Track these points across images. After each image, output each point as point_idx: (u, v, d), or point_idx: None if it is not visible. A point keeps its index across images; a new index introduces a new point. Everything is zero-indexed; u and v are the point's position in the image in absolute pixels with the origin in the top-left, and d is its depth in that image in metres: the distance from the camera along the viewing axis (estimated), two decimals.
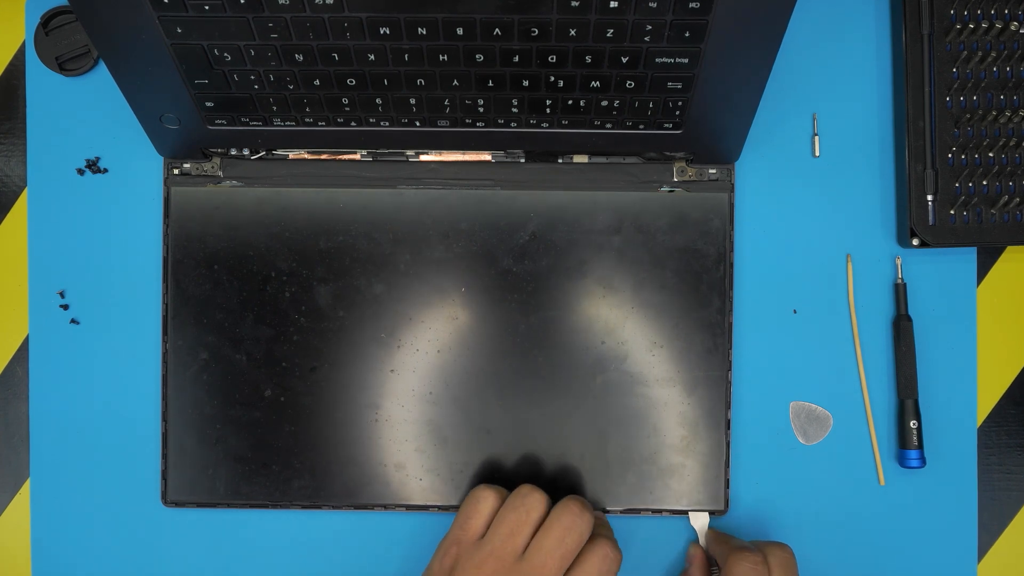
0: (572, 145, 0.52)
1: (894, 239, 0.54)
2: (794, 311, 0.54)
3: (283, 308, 0.53)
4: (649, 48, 0.45)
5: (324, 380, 0.53)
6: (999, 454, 0.55)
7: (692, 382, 0.53)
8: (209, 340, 0.53)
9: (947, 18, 0.52)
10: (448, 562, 0.47)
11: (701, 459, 0.53)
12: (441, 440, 0.53)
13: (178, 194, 0.53)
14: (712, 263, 0.53)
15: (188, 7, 0.43)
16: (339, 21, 0.44)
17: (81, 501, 0.54)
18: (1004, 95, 0.52)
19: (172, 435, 0.53)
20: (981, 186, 0.52)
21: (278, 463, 0.53)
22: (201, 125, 0.50)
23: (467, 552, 0.47)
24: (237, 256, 0.53)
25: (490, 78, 0.47)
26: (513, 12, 0.43)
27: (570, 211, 0.53)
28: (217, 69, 0.46)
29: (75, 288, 0.54)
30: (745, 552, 0.47)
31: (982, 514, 0.54)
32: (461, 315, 0.53)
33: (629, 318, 0.53)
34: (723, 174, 0.53)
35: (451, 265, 0.53)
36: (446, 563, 0.47)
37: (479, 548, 0.47)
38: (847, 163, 0.54)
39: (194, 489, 0.53)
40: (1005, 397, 0.55)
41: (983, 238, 0.52)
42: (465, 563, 0.46)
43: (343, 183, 0.53)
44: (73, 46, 0.53)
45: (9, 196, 0.55)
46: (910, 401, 0.53)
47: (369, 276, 0.53)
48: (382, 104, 0.48)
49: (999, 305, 0.55)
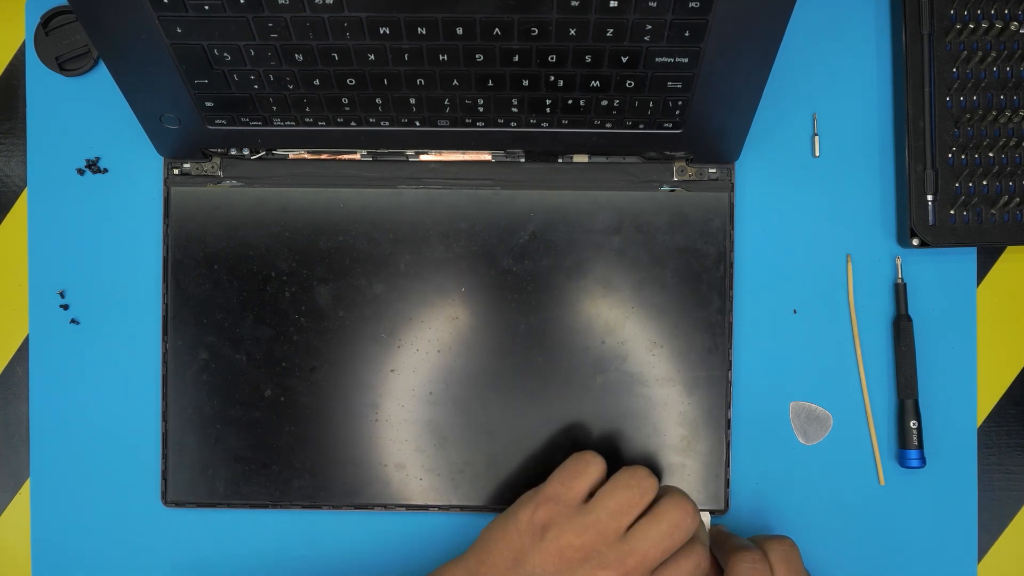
0: (572, 145, 0.52)
1: (894, 239, 0.54)
2: (794, 311, 0.54)
3: (283, 308, 0.53)
4: (649, 48, 0.45)
5: (324, 380, 0.53)
6: (999, 454, 0.55)
7: (692, 382, 0.53)
8: (209, 340, 0.53)
9: (947, 18, 0.52)
10: (542, 517, 0.45)
11: (701, 459, 0.53)
12: (441, 440, 0.53)
13: (178, 194, 0.53)
14: (712, 263, 0.53)
15: (188, 7, 0.43)
16: (339, 21, 0.44)
17: (81, 501, 0.54)
18: (1004, 95, 0.52)
19: (172, 435, 0.53)
20: (981, 186, 0.52)
21: (278, 463, 0.53)
22: (201, 125, 0.50)
23: (566, 514, 0.45)
24: (237, 256, 0.53)
25: (490, 78, 0.47)
26: (513, 12, 0.43)
27: (570, 211, 0.53)
28: (217, 69, 0.46)
29: (75, 288, 0.54)
30: (744, 552, 0.46)
31: (982, 514, 0.54)
32: (461, 315, 0.53)
33: (629, 318, 0.53)
34: (723, 174, 0.53)
35: (451, 265, 0.53)
36: (539, 517, 0.45)
37: (581, 514, 0.45)
38: (847, 163, 0.54)
39: (194, 489, 0.53)
40: (1005, 397, 0.55)
41: (983, 238, 0.52)
42: (563, 525, 0.44)
43: (343, 183, 0.53)
44: (73, 46, 0.53)
45: (9, 196, 0.55)
46: (910, 401, 0.53)
47: (369, 276, 0.53)
48: (382, 104, 0.48)
49: (999, 305, 0.55)
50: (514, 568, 0.45)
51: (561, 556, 0.44)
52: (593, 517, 0.45)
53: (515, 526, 0.45)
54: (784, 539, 0.47)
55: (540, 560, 0.44)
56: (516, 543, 0.45)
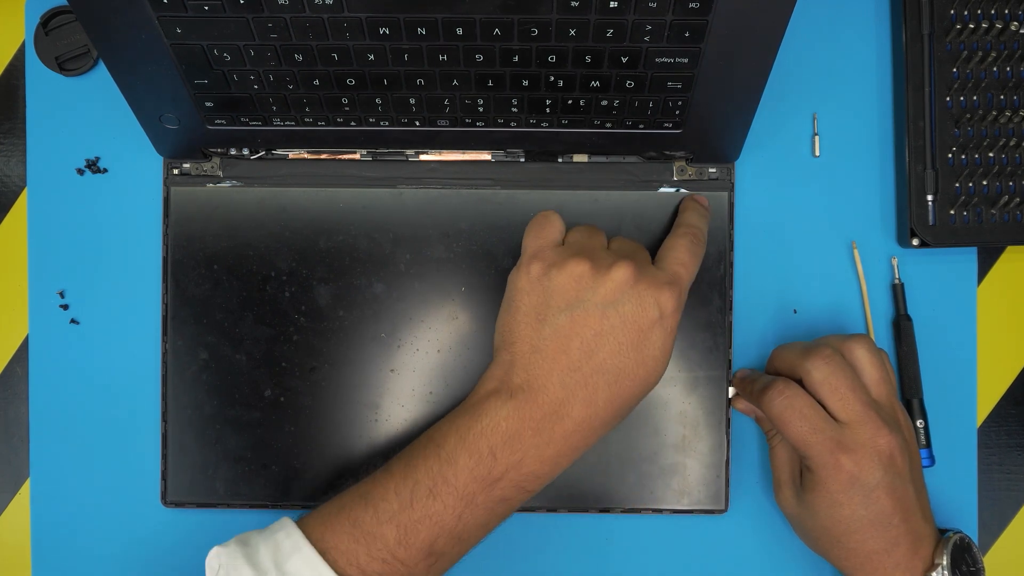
0: (572, 145, 0.52)
1: (894, 239, 0.54)
2: (794, 311, 0.54)
3: (283, 308, 0.53)
4: (649, 48, 0.45)
5: (324, 380, 0.53)
6: (999, 454, 0.55)
7: (692, 382, 0.53)
8: (209, 340, 0.53)
9: (947, 18, 0.52)
10: (538, 269, 0.46)
11: (701, 459, 0.53)
12: None
13: (178, 194, 0.53)
14: (712, 263, 0.53)
15: (188, 7, 0.43)
16: (339, 21, 0.44)
17: (81, 501, 0.54)
18: (1004, 95, 0.52)
19: (172, 435, 0.53)
20: (981, 186, 0.52)
21: (278, 463, 0.53)
22: (201, 125, 0.50)
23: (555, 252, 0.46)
24: (237, 256, 0.53)
25: (490, 78, 0.47)
26: (513, 12, 0.43)
27: (570, 211, 0.53)
28: (217, 69, 0.46)
29: (75, 288, 0.54)
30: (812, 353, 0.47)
31: (982, 514, 0.54)
32: (461, 315, 0.53)
33: None
34: (723, 173, 0.53)
35: (451, 265, 0.53)
36: (535, 271, 0.46)
37: (567, 247, 0.47)
38: (847, 163, 0.54)
39: (194, 489, 0.53)
40: (1005, 397, 0.55)
41: (983, 238, 0.52)
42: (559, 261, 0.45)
43: (343, 183, 0.53)
44: (73, 46, 0.53)
45: (9, 196, 0.55)
46: (915, 400, 0.53)
47: (369, 276, 0.53)
48: (382, 104, 0.48)
49: (999, 305, 0.55)
50: (541, 322, 0.45)
51: (574, 280, 0.45)
52: (576, 243, 0.47)
53: (519, 295, 0.46)
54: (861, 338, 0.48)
55: (559, 297, 0.45)
56: (530, 304, 0.46)
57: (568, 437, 0.44)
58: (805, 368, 0.47)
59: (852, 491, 0.45)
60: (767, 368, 0.51)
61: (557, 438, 0.44)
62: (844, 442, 0.45)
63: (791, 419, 0.46)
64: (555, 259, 0.46)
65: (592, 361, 0.44)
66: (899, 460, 0.46)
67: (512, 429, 0.44)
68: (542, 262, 0.46)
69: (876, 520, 0.45)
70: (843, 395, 0.46)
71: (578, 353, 0.44)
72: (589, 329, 0.44)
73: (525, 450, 0.44)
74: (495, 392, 0.45)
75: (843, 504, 0.45)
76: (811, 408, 0.46)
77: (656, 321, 0.44)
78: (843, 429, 0.45)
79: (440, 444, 0.44)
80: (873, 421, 0.45)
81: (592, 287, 0.45)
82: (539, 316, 0.45)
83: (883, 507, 0.45)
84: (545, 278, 0.45)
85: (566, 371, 0.44)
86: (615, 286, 0.44)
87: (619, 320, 0.44)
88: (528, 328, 0.45)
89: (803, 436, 0.45)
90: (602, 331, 0.44)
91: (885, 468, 0.45)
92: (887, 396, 0.47)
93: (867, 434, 0.45)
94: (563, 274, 0.45)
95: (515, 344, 0.45)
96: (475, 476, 0.43)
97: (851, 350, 0.48)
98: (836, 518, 0.46)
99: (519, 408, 0.44)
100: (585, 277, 0.45)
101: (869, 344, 0.48)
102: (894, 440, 0.45)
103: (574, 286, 0.45)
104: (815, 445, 0.45)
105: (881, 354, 0.48)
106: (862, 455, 0.45)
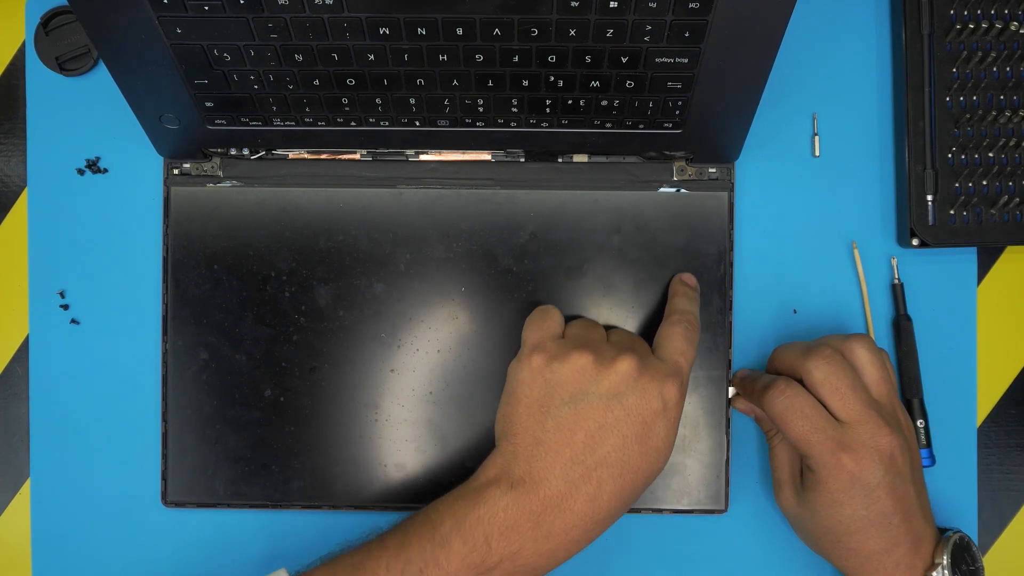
0: (572, 145, 0.52)
1: (894, 239, 0.54)
2: (794, 311, 0.54)
3: (283, 308, 0.53)
4: (649, 48, 0.45)
5: (324, 380, 0.53)
6: (999, 454, 0.55)
7: (692, 382, 0.53)
8: (209, 340, 0.53)
9: (947, 18, 0.52)
10: (539, 361, 0.46)
11: (701, 459, 0.53)
12: (441, 440, 0.53)
13: (178, 194, 0.53)
14: (712, 263, 0.53)
15: (188, 7, 0.43)
16: (339, 21, 0.44)
17: (81, 501, 0.54)
18: (1004, 95, 0.52)
19: (172, 435, 0.53)
20: (981, 186, 0.52)
21: (278, 463, 0.53)
22: (201, 125, 0.50)
23: (556, 346, 0.46)
24: (237, 256, 0.53)
25: (490, 78, 0.47)
26: (513, 12, 0.43)
27: (570, 211, 0.53)
28: (217, 69, 0.46)
29: (75, 288, 0.54)
30: (813, 353, 0.47)
31: (982, 514, 0.54)
32: (461, 315, 0.53)
33: (629, 318, 0.53)
34: (723, 173, 0.53)
35: (451, 265, 0.53)
36: (537, 363, 0.46)
37: (567, 340, 0.47)
38: (847, 163, 0.54)
39: (194, 489, 0.53)
40: (1005, 397, 0.55)
41: (983, 238, 0.52)
42: (560, 353, 0.46)
43: (343, 183, 0.53)
44: (73, 46, 0.53)
45: (9, 196, 0.55)
46: (915, 400, 0.53)
47: (369, 276, 0.53)
48: (382, 104, 0.48)
49: (999, 305, 0.55)
50: (544, 414, 0.45)
51: (578, 372, 0.45)
52: (577, 335, 0.47)
53: (521, 387, 0.46)
54: (861, 338, 0.48)
55: (563, 389, 0.45)
56: (533, 395, 0.46)
57: (568, 531, 0.44)
58: (806, 368, 0.47)
59: (853, 491, 0.45)
60: (767, 368, 0.51)
61: (557, 532, 0.44)
62: (845, 441, 0.45)
63: (792, 418, 0.46)
64: (557, 351, 0.46)
65: (596, 454, 0.44)
66: (900, 460, 0.46)
67: (511, 520, 0.43)
68: (544, 354, 0.46)
69: (877, 520, 0.45)
70: (844, 394, 0.46)
71: (582, 446, 0.44)
72: (593, 421, 0.44)
73: (523, 542, 0.43)
74: (495, 481, 0.45)
75: (844, 504, 0.45)
76: (812, 407, 0.46)
77: (660, 413, 0.45)
78: (844, 429, 0.45)
79: (436, 525, 0.44)
80: (874, 420, 0.45)
81: (596, 379, 0.45)
82: (542, 408, 0.45)
83: (884, 507, 0.45)
84: (548, 370, 0.46)
85: (569, 464, 0.44)
86: (619, 378, 0.45)
87: (623, 412, 0.44)
88: (531, 420, 0.45)
89: (804, 435, 0.45)
90: (606, 423, 0.44)
91: (886, 468, 0.45)
92: (887, 396, 0.47)
93: (868, 433, 0.45)
94: (566, 366, 0.45)
95: (517, 436, 0.45)
96: (468, 563, 0.43)
97: (851, 350, 0.48)
98: (837, 518, 0.46)
99: (519, 500, 0.44)
100: (588, 369, 0.45)
101: (869, 344, 0.48)
102: (895, 440, 0.45)
103: (577, 378, 0.45)
104: (816, 444, 0.45)
105: (881, 354, 0.48)
106: (863, 454, 0.45)
